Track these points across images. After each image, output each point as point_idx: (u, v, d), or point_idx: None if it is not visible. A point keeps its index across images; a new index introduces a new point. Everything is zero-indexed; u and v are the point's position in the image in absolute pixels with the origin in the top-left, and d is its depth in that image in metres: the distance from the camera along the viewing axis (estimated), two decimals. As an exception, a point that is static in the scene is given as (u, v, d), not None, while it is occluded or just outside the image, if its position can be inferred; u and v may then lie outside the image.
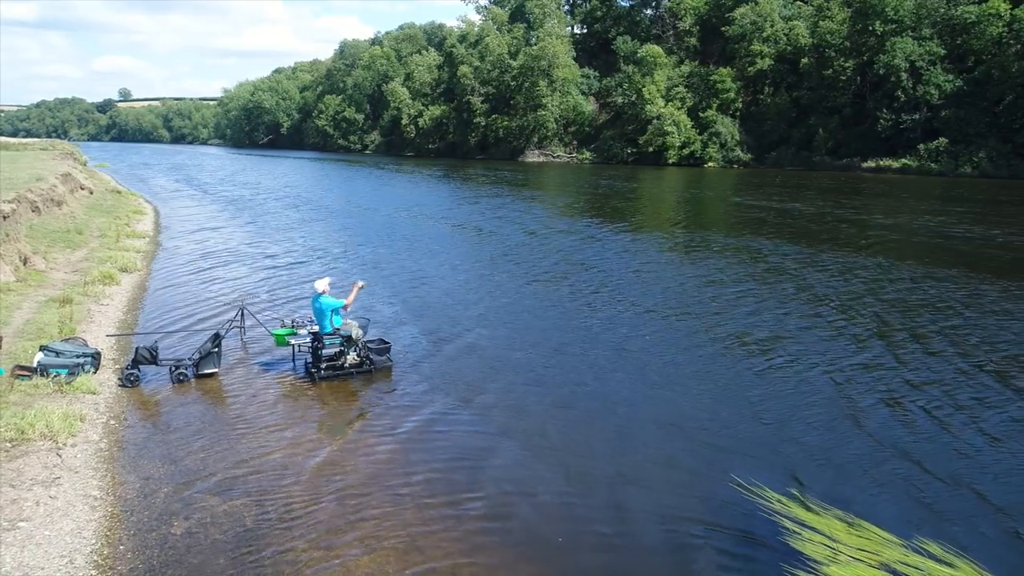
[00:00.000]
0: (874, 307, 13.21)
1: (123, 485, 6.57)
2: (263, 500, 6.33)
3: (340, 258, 18.90)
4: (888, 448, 7.38)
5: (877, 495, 6.47)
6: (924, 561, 5.37)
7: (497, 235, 22.80)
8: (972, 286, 14.84)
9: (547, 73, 76.23)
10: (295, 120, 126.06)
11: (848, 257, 18.42)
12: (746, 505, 6.28)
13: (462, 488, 6.63)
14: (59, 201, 22.29)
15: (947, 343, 10.95)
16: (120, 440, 7.53)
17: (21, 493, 6.17)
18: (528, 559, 5.57)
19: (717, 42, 70.81)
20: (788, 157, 60.94)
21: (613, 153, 71.98)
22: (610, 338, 11.37)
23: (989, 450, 7.33)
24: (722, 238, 22.06)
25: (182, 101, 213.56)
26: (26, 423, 7.23)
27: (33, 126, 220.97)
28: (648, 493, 6.54)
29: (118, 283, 14.46)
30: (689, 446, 7.49)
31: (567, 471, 6.99)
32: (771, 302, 13.71)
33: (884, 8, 54.83)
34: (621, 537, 5.87)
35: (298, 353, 10.13)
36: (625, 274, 16.52)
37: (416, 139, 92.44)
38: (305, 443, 7.55)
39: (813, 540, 5.66)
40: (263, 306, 13.23)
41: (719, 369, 9.87)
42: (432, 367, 10.00)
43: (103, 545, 5.60)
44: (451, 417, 8.28)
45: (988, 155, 49.10)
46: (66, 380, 8.56)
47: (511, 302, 13.88)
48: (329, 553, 5.56)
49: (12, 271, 13.32)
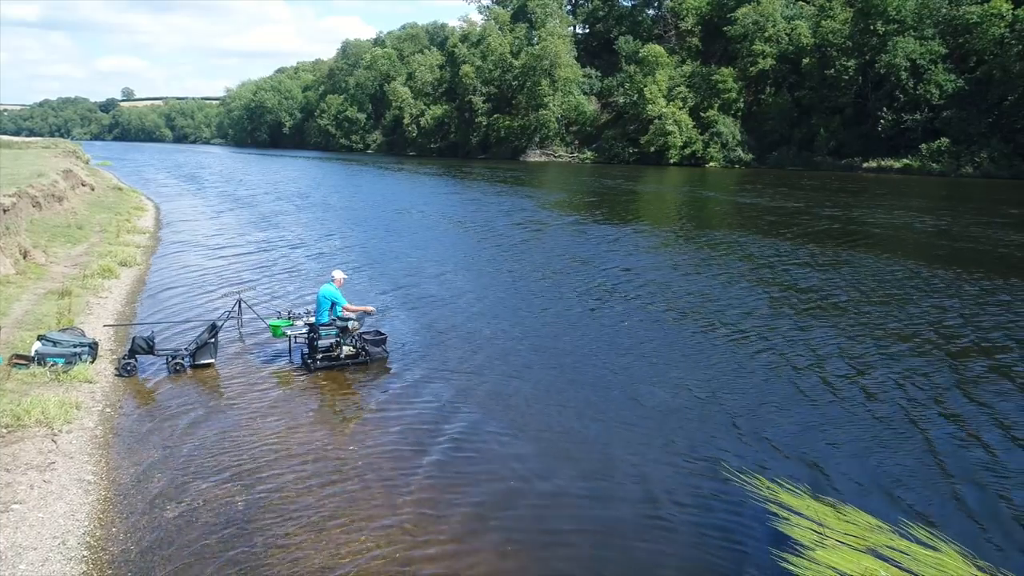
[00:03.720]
0: (868, 302, 13.23)
1: (117, 470, 6.62)
2: (255, 486, 6.38)
3: (339, 253, 18.95)
4: (875, 436, 7.41)
5: (864, 481, 6.50)
6: (909, 545, 5.40)
7: (496, 232, 22.85)
8: (974, 284, 14.85)
9: (549, 73, 76.31)
10: (297, 120, 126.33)
11: (849, 256, 18.45)
12: (735, 491, 6.31)
13: (455, 476, 6.68)
14: (60, 197, 22.38)
15: (939, 338, 10.97)
16: (115, 427, 7.58)
17: (16, 477, 6.23)
18: (519, 545, 5.60)
19: (719, 42, 70.83)
20: (789, 157, 60.91)
21: (615, 153, 72.04)
22: (605, 330, 11.41)
23: (975, 438, 7.35)
24: (723, 236, 22.08)
25: (185, 101, 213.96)
26: (22, 410, 7.30)
27: (36, 125, 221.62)
28: (638, 479, 6.58)
29: (117, 277, 14.54)
30: (679, 434, 7.52)
31: (560, 458, 7.03)
32: (766, 298, 13.74)
33: (886, 8, 54.81)
34: (609, 522, 5.90)
35: (294, 344, 10.19)
36: (622, 269, 16.55)
37: (418, 139, 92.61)
38: (299, 431, 7.60)
39: (801, 525, 5.69)
40: (260, 298, 13.29)
41: (710, 359, 9.90)
42: (428, 358, 10.04)
43: (96, 527, 5.65)
44: (446, 407, 8.32)
45: (990, 155, 49.03)
46: (63, 369, 8.62)
47: (509, 296, 13.92)
48: (319, 536, 5.61)
49: (12, 264, 13.39)
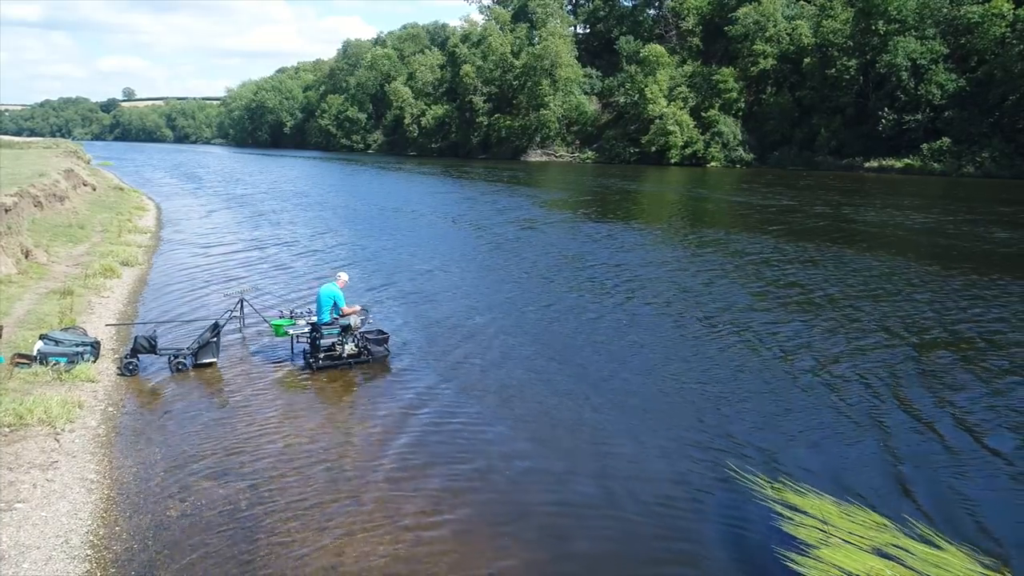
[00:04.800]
0: (871, 302, 13.21)
1: (120, 469, 6.62)
2: (258, 485, 6.37)
3: (340, 253, 18.94)
4: (879, 435, 7.39)
5: (869, 480, 6.48)
6: (914, 543, 5.38)
7: (497, 232, 22.83)
8: (978, 284, 14.83)
9: (550, 73, 76.23)
10: (298, 120, 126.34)
11: (849, 256, 18.43)
12: (740, 490, 6.30)
13: (458, 475, 6.67)
14: (62, 197, 22.39)
15: (946, 336, 10.96)
16: (118, 426, 7.58)
17: (19, 476, 6.22)
18: (522, 545, 5.59)
19: (720, 42, 70.76)
20: (790, 157, 60.84)
21: (615, 153, 71.97)
22: (609, 330, 11.39)
23: (980, 438, 7.33)
24: (723, 236, 22.06)
25: (186, 101, 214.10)
26: (25, 409, 7.29)
27: (37, 125, 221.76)
28: (642, 478, 6.57)
29: (119, 276, 14.53)
30: (684, 433, 7.51)
31: (563, 458, 7.02)
32: (770, 298, 13.73)
33: (887, 7, 54.73)
34: (614, 521, 5.89)
35: (297, 343, 10.18)
36: (625, 269, 16.53)
37: (419, 139, 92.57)
38: (301, 430, 7.60)
39: (805, 524, 5.68)
40: (262, 297, 13.28)
41: (714, 359, 9.88)
42: (430, 357, 10.03)
43: (99, 526, 5.64)
44: (448, 406, 8.31)
45: (991, 155, 48.93)
46: (65, 368, 8.62)
47: (510, 295, 13.90)
48: (322, 535, 5.60)
49: (14, 264, 13.39)
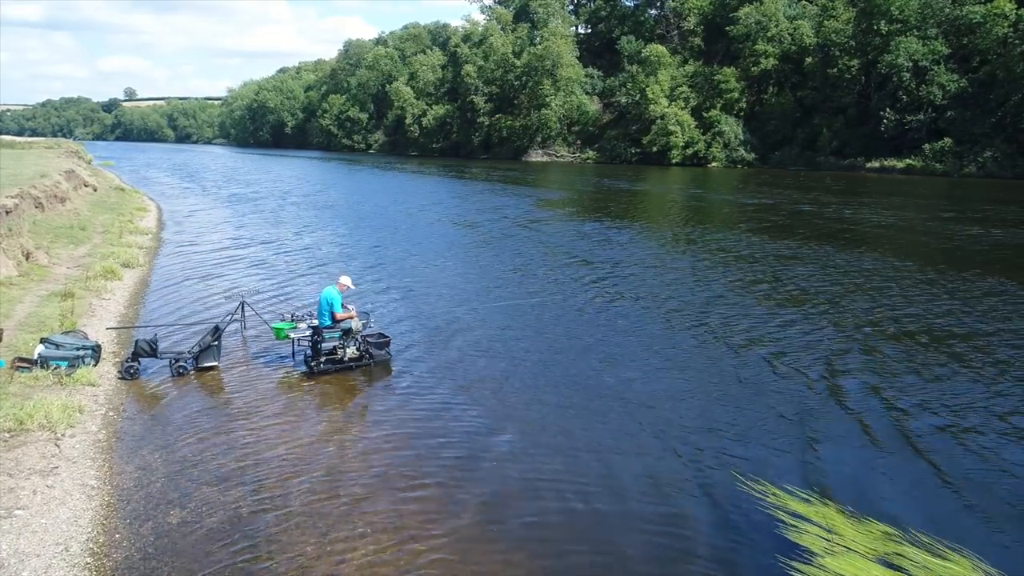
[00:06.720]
0: (875, 305, 13.17)
1: (120, 475, 6.58)
2: (259, 490, 6.34)
3: (340, 253, 18.91)
4: (883, 442, 7.36)
5: (874, 488, 6.45)
6: (918, 552, 5.35)
7: (498, 232, 22.79)
8: (982, 287, 14.78)
9: (551, 73, 76.24)
10: (299, 120, 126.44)
11: (850, 256, 18.38)
12: (744, 498, 6.26)
13: (459, 479, 6.64)
14: (63, 198, 22.37)
15: (952, 340, 10.91)
16: (118, 431, 7.55)
17: (19, 482, 6.19)
18: (525, 551, 5.56)
19: (721, 42, 70.73)
20: (792, 157, 60.82)
21: (617, 153, 71.97)
22: (610, 333, 11.35)
23: (985, 444, 7.29)
24: (724, 236, 22.00)
25: (187, 101, 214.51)
26: (25, 414, 7.26)
27: (39, 125, 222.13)
28: (647, 484, 6.53)
29: (120, 278, 14.50)
30: (688, 440, 7.47)
31: (566, 463, 6.98)
32: (774, 300, 13.68)
33: (889, 7, 54.70)
34: (619, 528, 5.85)
35: (298, 347, 10.14)
36: (626, 271, 16.49)
37: (420, 139, 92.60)
38: (302, 435, 7.56)
39: (810, 532, 5.64)
40: (263, 300, 13.25)
41: (719, 365, 9.84)
42: (431, 360, 10.00)
43: (99, 533, 5.61)
44: (449, 409, 8.28)
45: (993, 155, 48.90)
46: (66, 372, 8.59)
47: (512, 297, 13.86)
48: (324, 541, 5.57)
49: (15, 265, 13.37)
